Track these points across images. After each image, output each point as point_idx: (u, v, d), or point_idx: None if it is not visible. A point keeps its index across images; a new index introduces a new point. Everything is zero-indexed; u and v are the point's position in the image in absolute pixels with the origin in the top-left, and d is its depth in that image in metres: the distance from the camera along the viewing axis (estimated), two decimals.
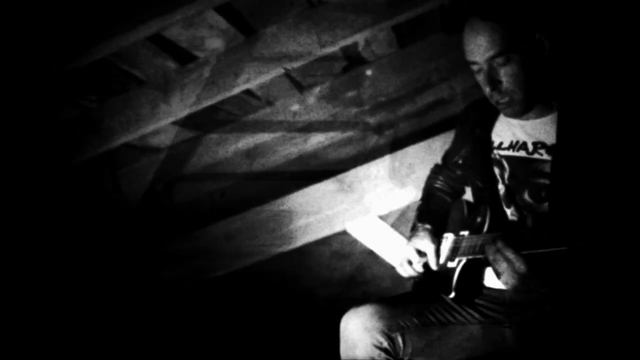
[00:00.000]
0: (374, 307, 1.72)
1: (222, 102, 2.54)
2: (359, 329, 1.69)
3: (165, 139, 2.82)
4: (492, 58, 1.61)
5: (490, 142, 1.80)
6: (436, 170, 2.12)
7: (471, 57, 1.64)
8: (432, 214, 1.96)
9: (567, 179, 1.60)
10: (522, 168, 1.70)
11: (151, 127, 2.57)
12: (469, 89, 2.74)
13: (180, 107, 2.50)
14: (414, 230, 1.92)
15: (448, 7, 2.23)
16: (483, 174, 1.79)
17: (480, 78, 1.66)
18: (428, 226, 1.88)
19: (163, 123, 2.57)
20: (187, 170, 2.90)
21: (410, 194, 2.95)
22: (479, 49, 1.61)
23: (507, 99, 1.65)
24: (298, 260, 3.21)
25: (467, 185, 1.96)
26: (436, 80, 2.74)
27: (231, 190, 3.08)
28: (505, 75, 1.62)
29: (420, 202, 2.07)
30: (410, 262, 1.85)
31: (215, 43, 2.28)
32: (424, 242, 1.82)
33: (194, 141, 2.89)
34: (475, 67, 1.66)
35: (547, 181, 1.64)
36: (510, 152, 1.74)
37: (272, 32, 2.33)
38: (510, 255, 1.46)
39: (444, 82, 2.75)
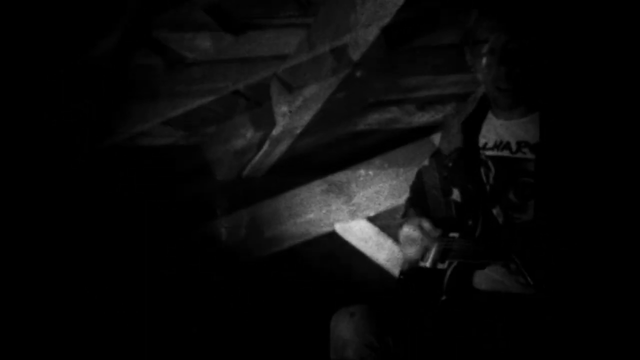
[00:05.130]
0: (365, 307, 1.72)
1: (212, 102, 2.54)
2: (349, 328, 1.68)
3: (154, 140, 2.81)
4: (509, 41, 1.64)
5: (476, 143, 1.82)
6: (424, 169, 2.13)
7: (487, 36, 1.66)
8: (422, 202, 1.96)
9: (551, 177, 1.62)
10: (507, 167, 1.72)
11: (140, 128, 2.56)
12: (458, 91, 2.75)
13: (169, 108, 2.50)
14: (405, 215, 1.91)
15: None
16: (472, 176, 1.80)
17: (491, 59, 1.68)
18: (419, 210, 1.88)
19: (152, 124, 2.57)
20: (177, 171, 2.89)
21: (399, 196, 2.96)
22: (499, 27, 1.63)
23: (511, 86, 1.67)
24: (287, 262, 3.20)
25: (455, 186, 1.97)
26: (425, 82, 2.74)
27: (220, 192, 3.07)
28: (517, 60, 1.64)
29: (409, 195, 2.08)
30: (414, 240, 1.82)
31: (204, 44, 2.28)
32: (421, 220, 1.81)
33: (183, 142, 2.88)
34: (485, 48, 1.68)
35: (530, 180, 1.66)
36: (494, 152, 1.77)
37: (261, 34, 2.33)
38: None
39: (433, 83, 2.75)
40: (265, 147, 2.79)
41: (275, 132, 2.64)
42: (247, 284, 3.12)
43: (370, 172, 3.06)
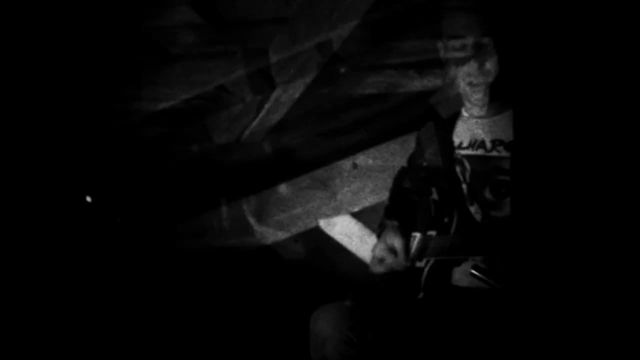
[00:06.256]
0: (344, 304, 1.73)
1: (196, 97, 2.53)
2: (328, 325, 1.68)
3: (136, 135, 2.80)
4: (482, 36, 1.65)
5: (451, 142, 1.83)
6: (402, 172, 2.14)
7: (460, 31, 1.67)
8: (399, 211, 1.97)
9: (527, 174, 1.63)
10: (482, 166, 1.74)
11: (122, 123, 2.55)
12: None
13: (153, 103, 2.49)
14: (381, 227, 1.93)
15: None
16: (447, 174, 1.82)
17: (461, 57, 1.69)
18: (396, 223, 1.89)
19: (134, 119, 2.56)
20: (159, 166, 2.88)
21: (383, 192, 2.95)
22: (472, 23, 1.65)
23: (482, 81, 1.68)
24: (270, 257, 3.21)
25: (433, 186, 1.98)
26: (411, 77, 2.74)
27: (204, 187, 3.06)
28: (489, 55, 1.65)
29: (387, 202, 2.09)
30: (382, 260, 1.86)
31: (188, 38, 2.27)
32: (394, 240, 1.83)
33: (167, 137, 2.87)
34: (457, 44, 1.68)
35: (506, 177, 1.67)
36: (470, 151, 1.78)
37: (246, 28, 2.32)
38: None
39: (419, 79, 2.75)
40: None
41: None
42: (232, 279, 3.12)
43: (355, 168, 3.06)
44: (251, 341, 2.97)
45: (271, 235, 3.11)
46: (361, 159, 3.05)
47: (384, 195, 2.95)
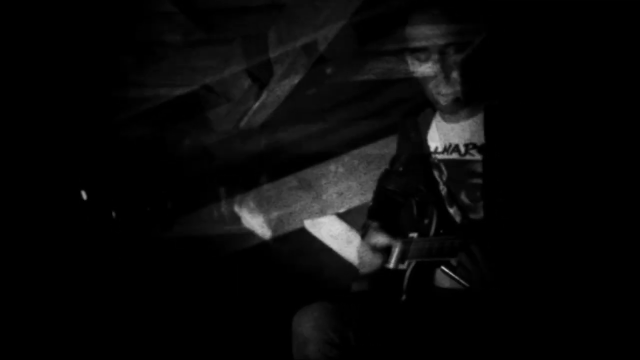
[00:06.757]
0: (326, 304, 1.73)
1: (181, 97, 2.53)
2: (310, 326, 1.69)
3: (125, 134, 2.79)
4: (446, 46, 1.64)
5: (427, 147, 1.83)
6: (385, 175, 2.14)
7: (423, 42, 1.66)
8: (382, 212, 1.98)
9: (498, 177, 1.63)
10: (457, 170, 1.74)
11: (112, 123, 2.55)
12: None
13: (138, 102, 2.49)
14: (364, 228, 1.93)
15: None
16: (424, 178, 1.83)
17: (427, 67, 1.68)
18: (376, 224, 1.89)
19: (121, 118, 2.55)
20: (143, 168, 2.88)
21: (369, 193, 2.96)
22: (433, 34, 1.64)
23: (451, 90, 1.68)
24: (256, 258, 3.20)
25: (414, 188, 1.98)
26: (396, 78, 2.75)
27: (188, 188, 3.05)
28: (455, 65, 1.65)
29: (371, 203, 2.10)
30: (366, 261, 1.86)
31: (174, 38, 2.27)
32: (377, 239, 1.84)
33: (152, 138, 2.86)
34: (422, 56, 1.68)
35: (480, 181, 1.67)
36: (445, 156, 1.79)
37: (231, 28, 2.32)
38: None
39: (404, 81, 2.75)
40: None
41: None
42: (217, 280, 3.12)
43: (340, 169, 3.06)
44: (234, 341, 2.97)
45: (256, 235, 3.11)
46: (347, 159, 3.06)
47: (369, 196, 2.96)
